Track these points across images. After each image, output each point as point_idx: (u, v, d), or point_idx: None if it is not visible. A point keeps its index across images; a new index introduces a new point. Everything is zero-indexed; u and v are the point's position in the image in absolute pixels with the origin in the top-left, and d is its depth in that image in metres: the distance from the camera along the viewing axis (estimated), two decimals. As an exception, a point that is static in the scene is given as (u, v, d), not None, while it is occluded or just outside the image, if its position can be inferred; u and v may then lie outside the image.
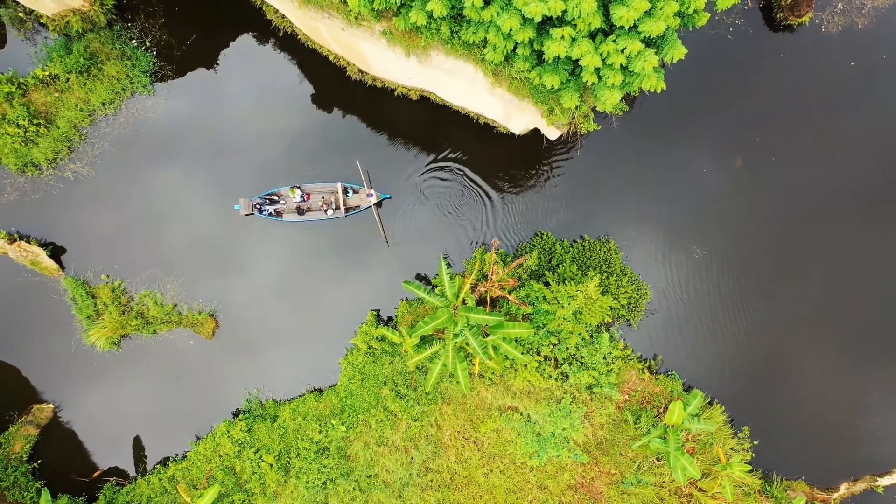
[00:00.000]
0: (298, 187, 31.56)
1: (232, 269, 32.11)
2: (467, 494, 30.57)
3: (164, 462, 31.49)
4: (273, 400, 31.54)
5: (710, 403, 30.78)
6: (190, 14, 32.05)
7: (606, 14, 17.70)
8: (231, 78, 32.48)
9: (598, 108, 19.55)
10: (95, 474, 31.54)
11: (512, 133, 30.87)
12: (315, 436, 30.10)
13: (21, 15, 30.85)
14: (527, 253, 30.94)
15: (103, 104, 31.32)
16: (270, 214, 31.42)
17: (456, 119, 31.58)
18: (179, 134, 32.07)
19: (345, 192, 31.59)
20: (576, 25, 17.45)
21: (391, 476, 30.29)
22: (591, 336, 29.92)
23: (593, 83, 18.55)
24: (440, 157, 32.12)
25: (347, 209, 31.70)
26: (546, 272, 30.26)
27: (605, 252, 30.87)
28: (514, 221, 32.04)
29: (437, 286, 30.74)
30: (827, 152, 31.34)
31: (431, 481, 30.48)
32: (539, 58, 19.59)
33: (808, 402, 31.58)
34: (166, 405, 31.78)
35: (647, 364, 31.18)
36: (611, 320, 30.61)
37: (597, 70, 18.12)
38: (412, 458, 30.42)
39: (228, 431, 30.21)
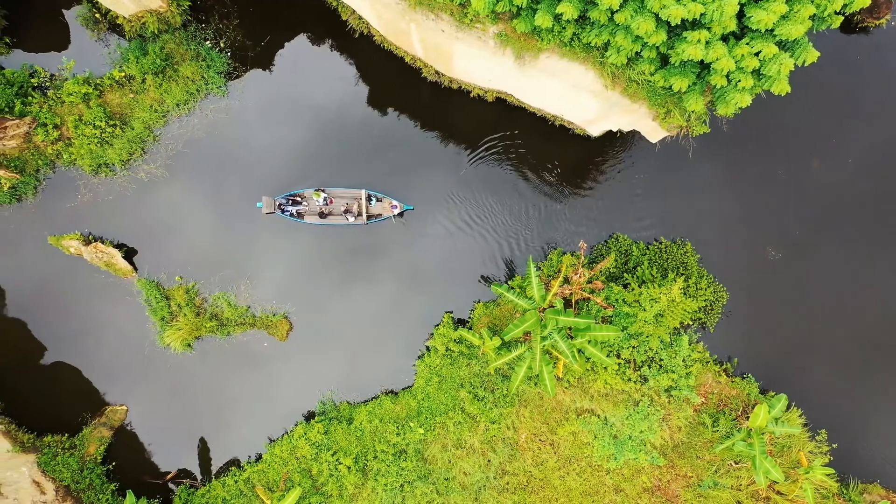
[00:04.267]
0: (322, 190, 31.29)
1: (303, 272, 32.05)
2: (543, 497, 30.51)
3: (237, 464, 31.43)
4: (347, 402, 31.46)
5: (788, 406, 30.63)
6: (264, 15, 31.92)
7: (738, 16, 17.62)
8: (302, 79, 32.30)
9: (719, 112, 19.48)
10: (169, 476, 31.49)
11: (588, 135, 30.78)
12: (393, 438, 30.02)
13: (97, 16, 30.75)
14: (604, 255, 30.86)
15: (178, 105, 31.23)
16: (292, 215, 31.19)
17: (530, 121, 31.44)
18: (246, 134, 31.95)
19: (368, 199, 31.28)
20: (710, 28, 17.40)
21: (468, 479, 30.23)
22: (671, 339, 29.82)
23: (722, 86, 18.49)
24: (505, 148, 32.00)
25: (369, 217, 31.38)
26: (625, 274, 30.17)
27: (682, 254, 30.77)
28: (588, 223, 31.93)
29: (513, 288, 30.63)
30: (905, 154, 31.27)
31: (508, 484, 30.44)
32: (662, 60, 19.53)
33: (883, 405, 31.49)
34: (238, 407, 31.72)
35: (724, 367, 31.08)
36: (690, 323, 30.53)
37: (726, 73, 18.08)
38: (489, 461, 30.36)
39: (306, 434, 30.13)
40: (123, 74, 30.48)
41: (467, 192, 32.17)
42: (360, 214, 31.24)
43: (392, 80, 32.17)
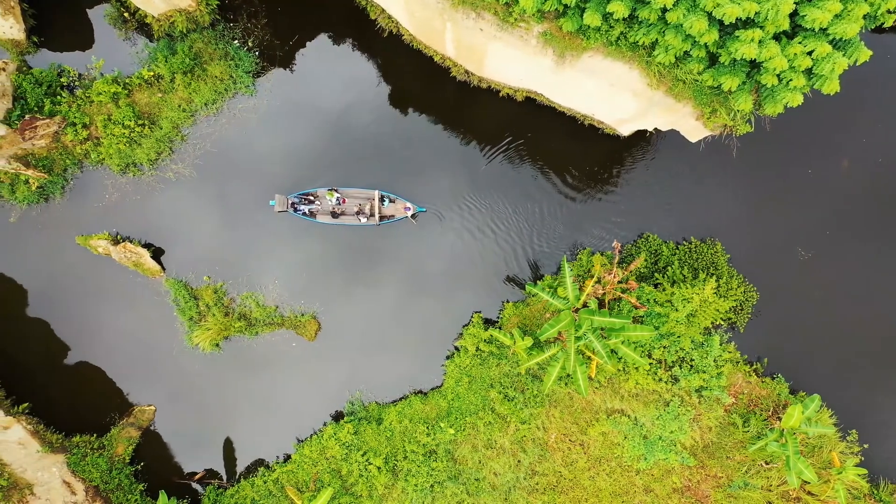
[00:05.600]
0: (336, 190, 31.17)
1: (327, 272, 31.96)
2: (573, 497, 30.42)
3: (266, 464, 31.35)
4: (376, 402, 31.37)
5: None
6: (292, 14, 31.82)
7: (790, 15, 17.53)
8: (328, 78, 32.19)
9: (766, 111, 19.39)
10: (197, 477, 31.43)
11: (618, 135, 30.69)
12: (423, 438, 29.93)
13: (125, 15, 30.66)
14: (633, 255, 30.76)
15: (206, 105, 31.14)
16: (304, 214, 31.09)
17: (559, 120, 31.30)
18: (271, 133, 31.84)
19: (381, 200, 31.16)
20: (763, 27, 17.31)
21: (498, 479, 30.16)
22: (702, 339, 29.70)
23: (773, 85, 18.40)
24: (532, 148, 31.86)
25: (382, 218, 31.27)
26: (655, 274, 30.08)
27: (712, 254, 30.66)
28: (617, 222, 31.82)
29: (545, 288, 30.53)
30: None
31: (537, 484, 30.35)
32: (711, 59, 19.45)
33: (913, 406, 31.43)
34: (266, 407, 31.64)
35: (754, 367, 30.99)
36: (721, 323, 30.45)
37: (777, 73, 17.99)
38: (519, 461, 30.28)
39: (335, 434, 30.05)
40: (152, 74, 30.38)
41: (491, 193, 32.04)
42: (372, 215, 31.15)
43: (418, 79, 32.08)
